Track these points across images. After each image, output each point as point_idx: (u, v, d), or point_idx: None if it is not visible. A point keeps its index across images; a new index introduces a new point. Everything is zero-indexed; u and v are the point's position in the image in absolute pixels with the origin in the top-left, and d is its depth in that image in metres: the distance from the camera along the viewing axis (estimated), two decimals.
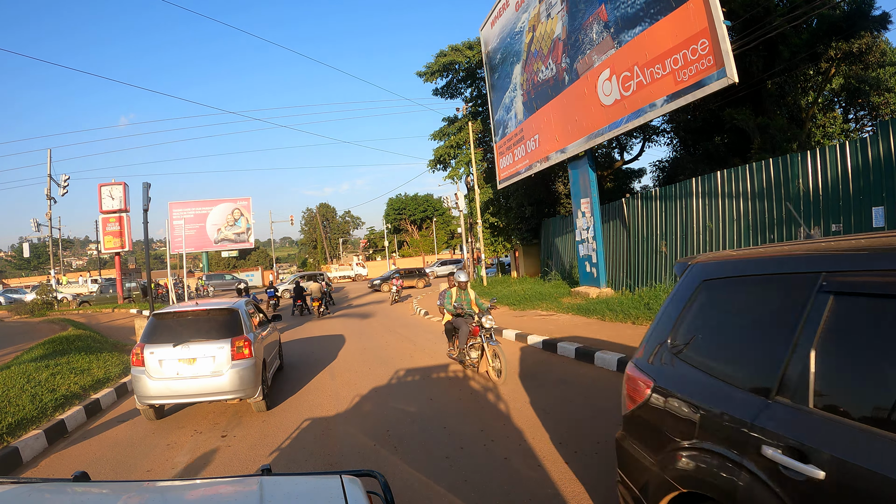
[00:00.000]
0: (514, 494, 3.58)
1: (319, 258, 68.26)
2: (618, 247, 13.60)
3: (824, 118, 18.52)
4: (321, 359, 9.42)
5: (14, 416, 5.68)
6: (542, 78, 14.64)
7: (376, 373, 7.83)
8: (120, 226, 27.74)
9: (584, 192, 13.27)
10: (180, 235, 32.37)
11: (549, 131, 14.49)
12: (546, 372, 7.00)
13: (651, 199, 12.08)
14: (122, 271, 29.76)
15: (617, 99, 11.06)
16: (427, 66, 24.52)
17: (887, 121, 7.27)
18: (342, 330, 13.48)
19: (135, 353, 5.79)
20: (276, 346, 8.15)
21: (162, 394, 5.68)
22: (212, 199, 41.78)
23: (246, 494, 1.55)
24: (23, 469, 4.84)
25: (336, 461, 4.49)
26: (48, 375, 7.52)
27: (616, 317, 9.62)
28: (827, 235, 7.84)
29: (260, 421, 5.85)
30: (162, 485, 1.89)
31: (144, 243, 12.75)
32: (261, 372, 6.07)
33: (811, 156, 8.21)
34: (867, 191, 7.34)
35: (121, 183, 27.59)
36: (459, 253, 47.71)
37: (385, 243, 55.96)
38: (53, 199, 26.30)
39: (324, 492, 1.47)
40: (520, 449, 4.36)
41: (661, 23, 9.44)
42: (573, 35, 12.66)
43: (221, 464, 4.65)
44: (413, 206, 66.31)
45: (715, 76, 8.34)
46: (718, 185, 10.03)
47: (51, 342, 10.72)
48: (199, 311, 6.22)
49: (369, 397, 6.51)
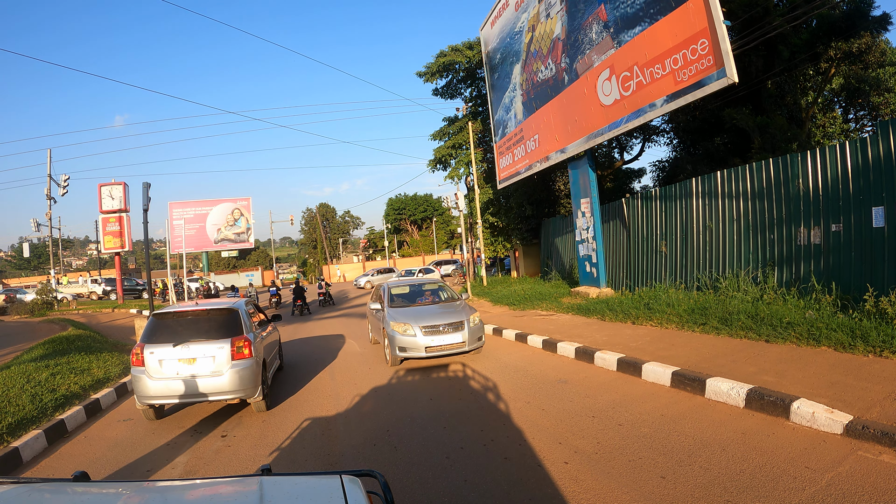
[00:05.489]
0: (513, 494, 3.59)
1: (319, 258, 68.21)
2: (618, 247, 13.60)
3: (824, 118, 18.53)
4: (321, 359, 9.42)
5: (14, 416, 5.68)
6: (542, 78, 14.64)
7: (376, 373, 7.83)
8: (120, 226, 27.71)
9: (584, 192, 13.27)
10: (180, 235, 32.42)
11: (549, 131, 14.48)
12: (546, 372, 7.01)
13: (651, 199, 12.08)
14: (122, 271, 29.75)
15: (617, 99, 11.06)
16: (427, 67, 24.54)
17: (887, 121, 7.26)
18: (342, 330, 13.48)
19: (135, 353, 5.79)
20: (276, 346, 8.14)
21: (162, 394, 5.68)
22: (212, 199, 41.77)
23: (246, 494, 1.55)
24: (23, 469, 4.84)
25: (336, 461, 4.49)
26: (48, 375, 7.53)
27: (616, 317, 9.62)
28: (827, 235, 7.86)
29: (260, 421, 5.85)
30: (162, 485, 1.89)
31: (144, 243, 12.74)
32: (261, 372, 6.07)
33: (811, 156, 8.21)
34: (867, 191, 7.33)
35: (121, 183, 27.58)
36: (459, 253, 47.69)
37: (385, 243, 55.93)
38: (53, 199, 26.30)
39: (324, 492, 1.47)
40: (520, 449, 4.37)
41: (661, 23, 9.43)
42: (573, 35, 12.66)
43: (221, 464, 4.65)
44: (413, 206, 66.29)
45: (715, 76, 8.34)
46: (718, 185, 10.03)
47: (51, 342, 10.72)
48: (199, 311, 6.21)
49: (369, 397, 6.51)
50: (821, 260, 8.04)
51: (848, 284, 7.52)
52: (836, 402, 4.25)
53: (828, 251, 7.93)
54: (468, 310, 8.33)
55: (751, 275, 9.15)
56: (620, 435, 4.44)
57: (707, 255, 10.39)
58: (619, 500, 3.35)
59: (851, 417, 3.96)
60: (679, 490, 3.39)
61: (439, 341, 7.56)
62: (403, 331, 7.67)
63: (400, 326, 7.76)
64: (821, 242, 8.05)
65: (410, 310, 8.48)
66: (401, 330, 7.71)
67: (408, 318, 7.90)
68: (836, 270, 7.77)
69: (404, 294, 9.56)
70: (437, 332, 7.62)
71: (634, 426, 4.61)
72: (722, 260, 10.00)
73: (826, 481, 3.29)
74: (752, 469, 3.56)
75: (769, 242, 8.98)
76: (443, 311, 8.28)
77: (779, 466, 3.56)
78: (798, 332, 6.37)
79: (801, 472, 3.44)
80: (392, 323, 7.89)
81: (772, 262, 8.89)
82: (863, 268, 7.40)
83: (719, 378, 5.19)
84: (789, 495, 3.17)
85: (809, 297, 7.63)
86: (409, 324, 7.71)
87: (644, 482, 3.55)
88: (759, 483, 3.36)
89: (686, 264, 10.99)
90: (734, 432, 4.23)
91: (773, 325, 6.82)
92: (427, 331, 7.61)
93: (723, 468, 3.63)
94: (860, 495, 3.07)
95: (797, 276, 8.39)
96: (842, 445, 3.77)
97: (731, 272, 9.58)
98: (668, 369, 5.78)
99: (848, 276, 7.58)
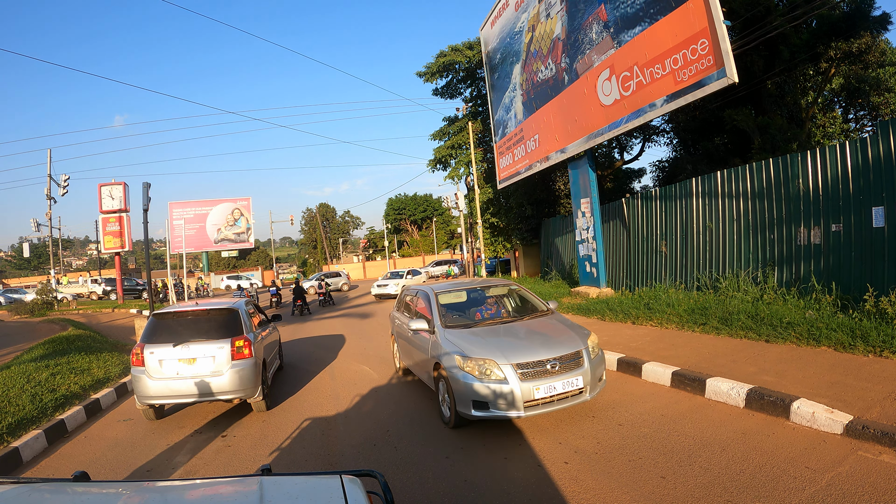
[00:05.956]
0: (514, 494, 3.59)
1: (319, 258, 68.20)
2: (618, 247, 13.60)
3: (824, 118, 18.52)
4: (321, 359, 9.42)
5: (14, 416, 5.68)
6: (542, 78, 14.63)
7: (376, 373, 7.83)
8: (120, 226, 27.71)
9: (584, 192, 13.27)
10: (180, 235, 32.42)
11: (549, 131, 14.48)
12: None
13: (651, 199, 12.08)
14: (122, 271, 29.74)
15: (617, 99, 11.06)
16: (427, 67, 24.54)
17: (887, 121, 7.26)
18: (342, 330, 13.48)
19: (135, 353, 5.79)
20: (276, 346, 8.14)
21: (162, 394, 5.68)
22: (212, 199, 41.75)
23: (246, 494, 1.55)
24: (23, 469, 4.84)
25: (336, 461, 4.49)
26: (48, 375, 7.52)
27: (616, 317, 9.62)
28: (827, 235, 7.86)
29: (260, 421, 5.85)
30: (162, 485, 1.89)
31: (144, 243, 12.75)
32: (261, 372, 6.07)
33: (811, 156, 8.21)
34: (867, 191, 7.33)
35: (121, 183, 27.57)
36: (459, 253, 47.68)
37: (385, 243, 55.89)
38: (53, 199, 26.27)
39: (324, 492, 1.47)
40: (520, 448, 4.37)
41: (661, 23, 9.43)
42: (573, 35, 12.66)
43: (221, 464, 4.65)
44: (413, 206, 66.28)
45: (715, 76, 8.34)
46: (718, 185, 10.03)
47: (51, 342, 10.71)
48: (199, 311, 6.21)
49: (369, 397, 6.51)
50: (821, 260, 8.04)
51: (848, 284, 7.52)
52: (836, 402, 4.25)
53: (828, 251, 7.93)
54: (574, 328, 5.34)
55: (751, 275, 9.14)
56: (620, 435, 4.44)
57: (707, 255, 10.39)
58: (620, 501, 3.35)
59: (851, 417, 3.96)
60: (679, 490, 3.39)
61: (547, 389, 4.53)
62: (481, 372, 4.64)
63: (474, 364, 4.69)
64: (821, 242, 8.04)
65: (482, 333, 5.29)
66: (476, 370, 4.65)
67: (485, 347, 4.89)
68: (836, 270, 7.77)
69: (459, 304, 6.37)
70: (544, 374, 4.60)
71: (634, 426, 4.61)
72: (722, 260, 10.00)
73: (826, 481, 3.29)
74: (753, 469, 3.56)
75: (769, 242, 8.98)
76: (536, 333, 5.28)
77: (779, 466, 3.56)
78: (798, 332, 6.37)
79: (802, 472, 3.44)
80: (458, 358, 4.82)
81: (772, 262, 8.89)
82: (863, 268, 7.40)
83: (719, 378, 5.19)
84: (789, 495, 3.17)
85: (809, 297, 7.63)
86: (492, 359, 4.67)
87: (644, 482, 3.55)
88: (759, 483, 3.36)
89: (686, 264, 10.98)
90: (734, 432, 4.23)
91: (773, 325, 6.82)
92: (527, 372, 4.58)
93: (723, 468, 3.62)
94: (860, 495, 3.07)
95: (797, 276, 8.39)
96: (842, 445, 3.77)
97: (731, 272, 9.58)
98: (669, 369, 5.79)
99: (848, 276, 7.58)
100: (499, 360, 4.64)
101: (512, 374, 4.55)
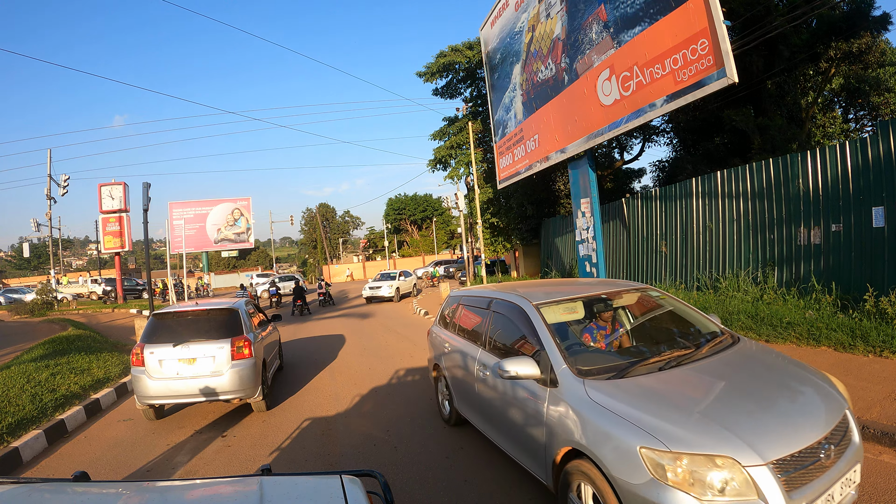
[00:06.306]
0: (514, 494, 3.58)
1: (319, 258, 68.22)
2: (618, 247, 13.60)
3: (824, 118, 18.52)
4: (321, 359, 9.42)
5: (14, 416, 5.69)
6: (542, 78, 14.64)
7: (376, 372, 7.83)
8: (120, 226, 27.72)
9: (584, 192, 13.26)
10: (180, 235, 32.43)
11: (549, 131, 14.48)
12: None
13: (651, 199, 12.08)
14: (122, 271, 29.75)
15: (617, 99, 11.06)
16: (427, 67, 24.53)
17: (887, 121, 7.26)
18: (342, 330, 13.48)
19: (135, 353, 5.79)
20: (276, 346, 8.14)
21: (162, 394, 5.68)
22: (212, 199, 41.71)
23: (246, 494, 1.55)
24: (23, 469, 4.84)
25: (336, 461, 4.49)
26: (48, 375, 7.52)
27: None
28: (827, 235, 7.86)
29: (260, 421, 5.85)
30: (162, 485, 1.89)
31: (144, 243, 12.75)
32: (261, 372, 6.07)
33: (811, 156, 8.21)
34: (867, 191, 7.33)
35: (121, 183, 27.58)
36: (459, 253, 47.70)
37: (385, 243, 55.91)
38: (53, 199, 26.27)
39: (324, 492, 1.47)
40: None
41: (661, 23, 9.43)
42: (573, 35, 12.66)
43: (221, 464, 4.65)
44: (413, 206, 66.28)
45: (715, 76, 8.33)
46: (718, 185, 10.03)
47: (51, 342, 10.71)
48: (198, 311, 6.21)
49: (369, 397, 6.51)
50: (821, 260, 8.04)
51: (848, 284, 7.52)
52: None
53: (828, 251, 7.93)
54: (801, 366, 3.14)
55: (751, 275, 9.14)
56: None
57: (707, 255, 10.39)
58: None
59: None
60: None
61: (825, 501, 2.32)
62: (703, 482, 2.19)
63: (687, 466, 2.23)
64: (821, 242, 8.05)
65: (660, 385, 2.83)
66: (687, 477, 2.22)
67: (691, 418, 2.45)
68: (836, 270, 7.77)
69: (568, 323, 3.89)
70: (814, 471, 2.33)
71: None
72: (722, 260, 10.00)
73: None
74: None
75: (769, 242, 8.98)
76: (759, 380, 2.88)
77: None
78: (798, 332, 6.37)
79: None
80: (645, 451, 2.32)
81: (772, 262, 8.89)
82: (863, 268, 7.40)
83: None
84: None
85: (809, 297, 7.64)
86: (727, 455, 2.22)
87: None
88: None
89: (686, 264, 10.99)
90: None
91: (773, 325, 6.82)
92: (792, 476, 2.25)
93: None
94: (860, 495, 3.07)
95: (797, 276, 8.39)
96: None
97: (731, 272, 9.58)
98: None
99: (848, 276, 7.58)
100: (739, 453, 2.23)
101: (769, 482, 2.19)
